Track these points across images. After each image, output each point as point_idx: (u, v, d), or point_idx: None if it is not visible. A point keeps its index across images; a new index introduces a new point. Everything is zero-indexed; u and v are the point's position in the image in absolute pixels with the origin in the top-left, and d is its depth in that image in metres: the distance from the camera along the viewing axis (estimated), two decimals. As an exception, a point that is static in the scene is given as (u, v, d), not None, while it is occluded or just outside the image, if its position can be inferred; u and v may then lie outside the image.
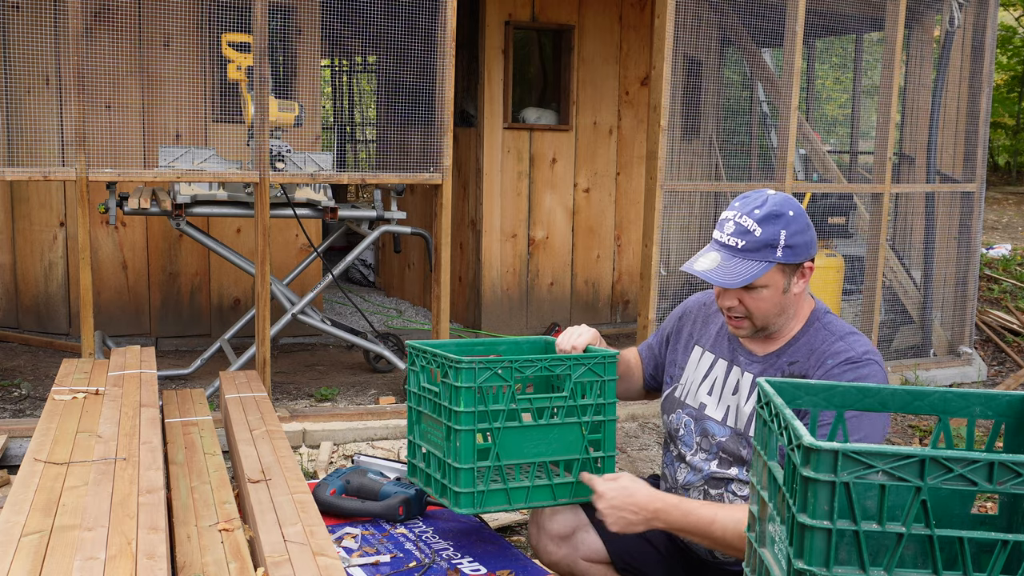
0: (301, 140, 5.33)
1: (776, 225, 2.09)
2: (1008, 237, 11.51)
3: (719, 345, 2.34)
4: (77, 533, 2.07)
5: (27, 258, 5.61)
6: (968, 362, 5.88)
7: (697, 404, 2.33)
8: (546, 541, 2.43)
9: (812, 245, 2.15)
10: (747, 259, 2.09)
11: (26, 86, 5.03)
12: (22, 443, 3.76)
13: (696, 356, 2.38)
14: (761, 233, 2.08)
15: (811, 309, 2.26)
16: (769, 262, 2.09)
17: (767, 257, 2.09)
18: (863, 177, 6.57)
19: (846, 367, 2.11)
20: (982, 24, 5.71)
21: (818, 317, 2.23)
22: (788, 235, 2.09)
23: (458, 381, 2.23)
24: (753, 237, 2.09)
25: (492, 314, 6.55)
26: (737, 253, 2.10)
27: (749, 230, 2.09)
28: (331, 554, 2.13)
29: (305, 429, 4.21)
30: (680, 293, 5.35)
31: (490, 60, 6.27)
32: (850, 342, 2.16)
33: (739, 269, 2.09)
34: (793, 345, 2.22)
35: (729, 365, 2.29)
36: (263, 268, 4.17)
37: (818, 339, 2.19)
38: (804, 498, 1.30)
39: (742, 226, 2.10)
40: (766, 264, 2.08)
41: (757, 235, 2.09)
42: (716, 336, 2.36)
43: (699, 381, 2.35)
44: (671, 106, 4.68)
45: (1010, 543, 1.28)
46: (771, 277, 2.11)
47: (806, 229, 2.13)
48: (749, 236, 2.09)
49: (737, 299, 2.15)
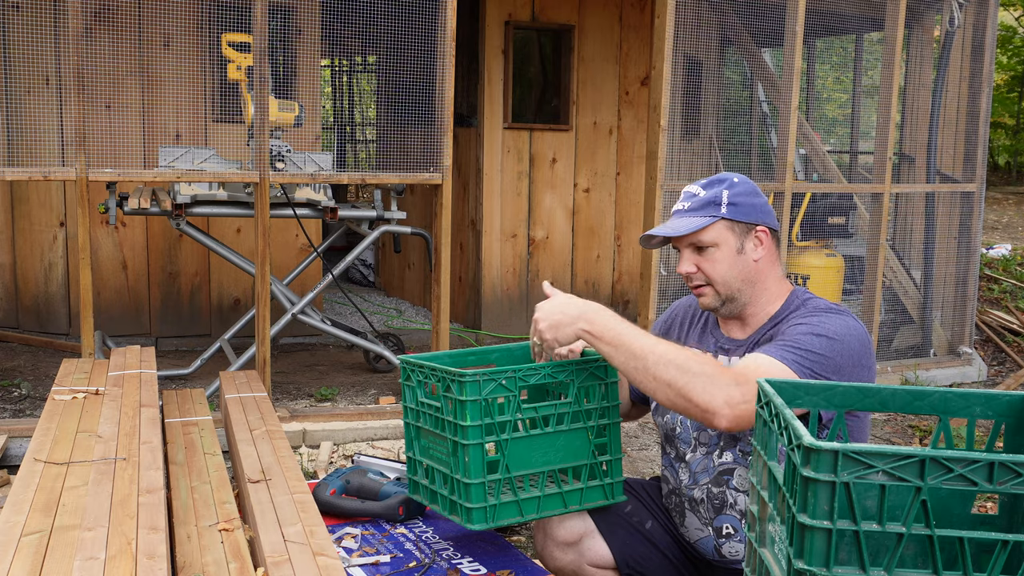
0: (301, 140, 5.33)
1: (719, 187, 2.22)
2: (1008, 237, 11.51)
3: (704, 339, 2.36)
4: (77, 533, 2.07)
5: (27, 258, 5.61)
6: (968, 362, 5.88)
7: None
8: (552, 547, 2.42)
9: (762, 211, 2.22)
10: (692, 216, 2.20)
11: (26, 86, 5.03)
12: (22, 443, 3.76)
13: None
14: (704, 194, 2.22)
15: (790, 291, 2.28)
16: (713, 216, 2.18)
17: (710, 212, 2.19)
18: (863, 177, 6.57)
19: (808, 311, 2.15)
20: (982, 24, 5.71)
21: (798, 296, 2.25)
22: (731, 195, 2.20)
23: (463, 395, 2.18)
24: (697, 198, 2.22)
25: (492, 314, 6.55)
26: (684, 214, 2.22)
27: (694, 194, 2.23)
28: (331, 554, 2.13)
29: (305, 429, 4.21)
30: (680, 293, 5.34)
31: (490, 60, 6.27)
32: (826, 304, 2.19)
33: (683, 223, 2.20)
34: (774, 325, 2.22)
35: (714, 355, 2.29)
36: (263, 268, 4.17)
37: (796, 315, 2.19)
38: (804, 498, 1.30)
39: (689, 192, 2.25)
40: (709, 218, 2.18)
41: (701, 196, 2.22)
42: (701, 332, 2.37)
43: None
44: (671, 106, 4.68)
45: (1010, 543, 1.28)
46: (719, 233, 2.18)
47: (753, 194, 2.22)
48: (694, 198, 2.22)
49: (694, 264, 2.21)
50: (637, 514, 2.42)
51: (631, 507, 2.43)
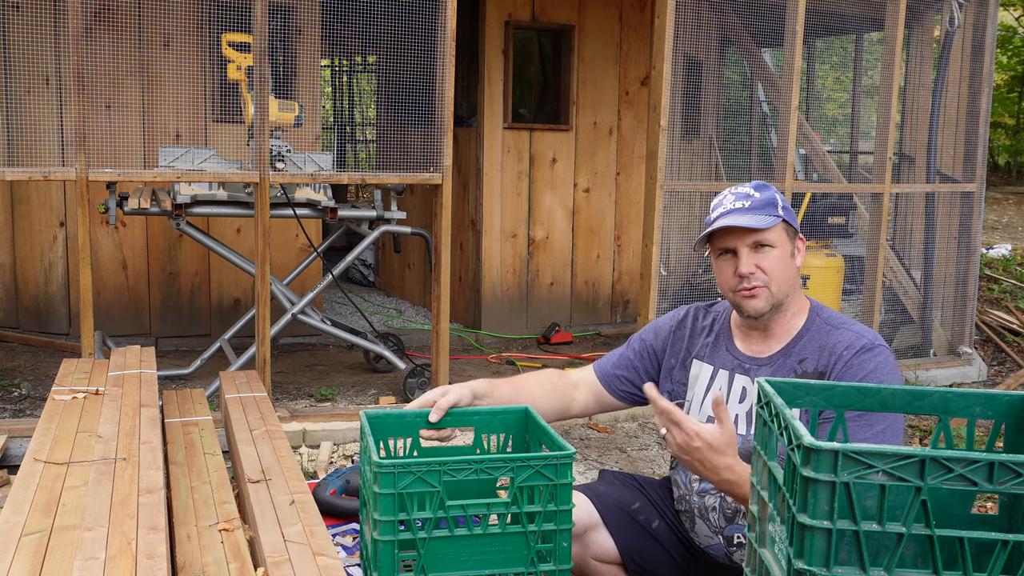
0: (301, 140, 5.33)
1: (769, 191, 2.20)
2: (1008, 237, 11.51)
3: (717, 356, 2.32)
4: (77, 533, 2.07)
5: (27, 258, 5.61)
6: (968, 362, 5.88)
7: (705, 419, 2.28)
8: None
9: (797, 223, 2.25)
10: (757, 213, 2.16)
11: (26, 86, 5.03)
12: (22, 443, 3.76)
13: (696, 370, 2.35)
14: (760, 195, 2.18)
15: (809, 305, 2.27)
16: (776, 216, 2.16)
17: (772, 212, 2.16)
18: (863, 177, 6.57)
19: (864, 355, 2.13)
20: (982, 24, 5.71)
21: (817, 312, 2.25)
22: (781, 199, 2.20)
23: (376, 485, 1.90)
24: (755, 198, 2.18)
25: (492, 314, 6.55)
26: (746, 211, 2.16)
27: (749, 195, 2.19)
28: (331, 554, 2.13)
29: (305, 429, 4.21)
30: (680, 293, 5.35)
31: (490, 60, 6.27)
32: (857, 331, 2.18)
33: (757, 218, 2.14)
34: (799, 343, 2.21)
35: (731, 374, 2.27)
36: (263, 268, 4.17)
37: (822, 334, 2.19)
38: (804, 498, 1.30)
39: (741, 193, 2.20)
40: (775, 218, 2.15)
41: (757, 196, 2.18)
42: (713, 348, 2.33)
43: (703, 395, 2.32)
44: (671, 106, 4.68)
45: (1010, 543, 1.28)
46: (779, 235, 2.17)
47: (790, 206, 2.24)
48: (751, 198, 2.18)
49: (755, 264, 2.16)
50: (644, 512, 2.40)
51: (639, 504, 2.41)
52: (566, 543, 2.03)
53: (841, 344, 2.16)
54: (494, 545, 2.00)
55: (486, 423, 2.28)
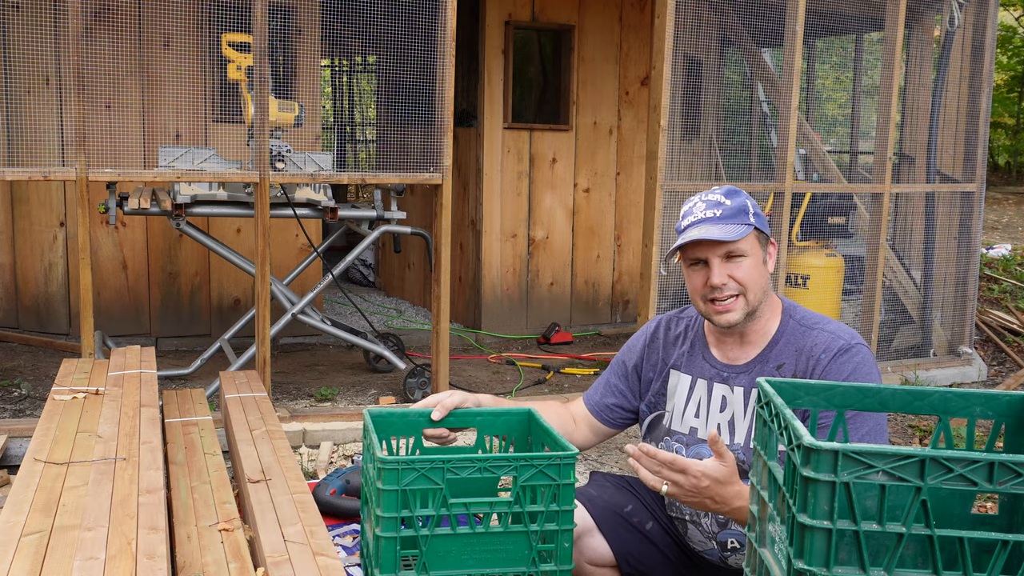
0: (301, 140, 5.33)
1: (740, 197, 2.18)
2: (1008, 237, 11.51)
3: (694, 365, 2.31)
4: (77, 533, 2.07)
5: (27, 258, 5.61)
6: (968, 362, 5.88)
7: (687, 429, 2.29)
8: None
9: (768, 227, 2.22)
10: (728, 223, 2.14)
11: (26, 86, 5.03)
12: (22, 443, 3.76)
13: (674, 380, 2.34)
14: (731, 203, 2.16)
15: (781, 305, 2.27)
16: (748, 224, 2.14)
17: (744, 220, 2.14)
18: (863, 177, 6.56)
19: (841, 358, 2.12)
20: (982, 24, 5.71)
21: (791, 313, 2.24)
22: (752, 205, 2.17)
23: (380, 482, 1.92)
24: (726, 206, 2.15)
25: (492, 314, 6.55)
26: (717, 220, 2.14)
27: (720, 203, 2.16)
28: (331, 554, 2.13)
29: (305, 429, 4.21)
30: (680, 293, 5.34)
31: (490, 60, 6.27)
32: (832, 331, 2.18)
33: (729, 229, 2.12)
34: (775, 347, 2.20)
35: (709, 384, 2.26)
36: (263, 268, 4.17)
37: (798, 336, 2.19)
38: (804, 498, 1.30)
39: (711, 201, 2.17)
40: (746, 226, 2.13)
41: (729, 204, 2.15)
42: (689, 357, 2.32)
43: (683, 405, 2.31)
44: (671, 106, 4.68)
45: (1010, 543, 1.28)
46: (751, 243, 2.16)
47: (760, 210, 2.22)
48: (722, 206, 2.15)
49: (728, 275, 2.14)
50: (637, 514, 2.39)
51: (632, 507, 2.40)
52: (568, 543, 2.03)
53: (818, 347, 2.15)
54: (496, 544, 2.01)
55: (488, 424, 2.29)
